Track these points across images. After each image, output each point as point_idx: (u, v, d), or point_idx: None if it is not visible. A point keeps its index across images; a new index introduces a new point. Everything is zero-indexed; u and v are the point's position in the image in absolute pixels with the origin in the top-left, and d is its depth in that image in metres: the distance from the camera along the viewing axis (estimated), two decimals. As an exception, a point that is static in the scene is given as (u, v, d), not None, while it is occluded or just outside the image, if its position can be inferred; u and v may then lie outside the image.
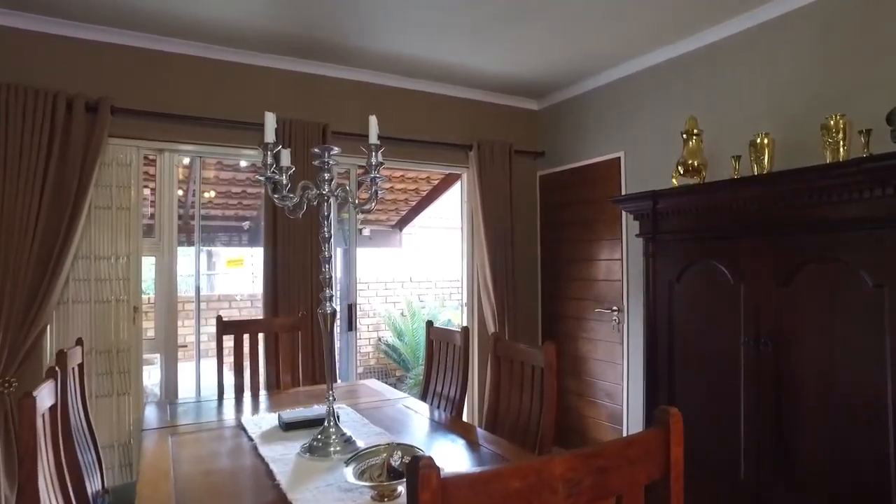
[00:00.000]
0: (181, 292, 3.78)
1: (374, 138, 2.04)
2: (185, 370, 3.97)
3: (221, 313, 4.46)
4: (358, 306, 8.11)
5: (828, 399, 2.33)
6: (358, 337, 8.04)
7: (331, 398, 2.10)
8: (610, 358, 4.27)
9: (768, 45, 3.18)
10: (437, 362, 3.20)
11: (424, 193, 7.26)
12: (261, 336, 3.28)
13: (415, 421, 2.47)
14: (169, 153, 3.67)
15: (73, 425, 2.13)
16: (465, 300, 4.77)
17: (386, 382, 7.98)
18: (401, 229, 8.00)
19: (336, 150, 2.10)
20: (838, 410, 2.30)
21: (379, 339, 8.15)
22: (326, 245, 2.10)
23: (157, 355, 3.73)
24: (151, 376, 4.82)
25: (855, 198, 2.20)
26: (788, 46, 3.08)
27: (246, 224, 6.21)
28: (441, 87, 4.52)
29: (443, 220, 8.20)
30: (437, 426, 2.41)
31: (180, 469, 1.82)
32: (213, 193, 6.94)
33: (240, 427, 2.35)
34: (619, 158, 4.20)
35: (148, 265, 3.66)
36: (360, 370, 8.05)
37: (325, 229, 2.09)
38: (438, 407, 3.04)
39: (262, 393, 3.11)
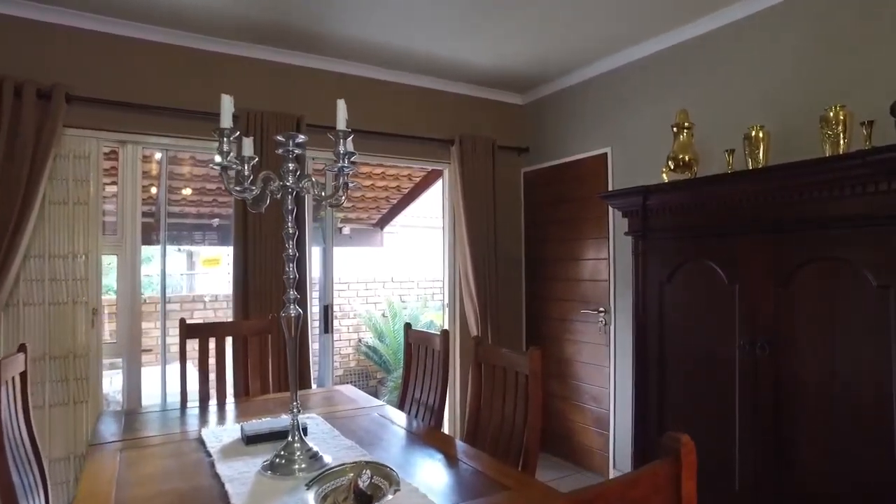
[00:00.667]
0: (155, 293, 3.57)
1: (342, 124, 1.86)
2: (153, 375, 3.77)
3: (195, 315, 4.22)
4: (338, 307, 7.96)
5: (829, 406, 2.20)
6: (338, 338, 7.88)
7: (295, 409, 1.92)
8: (596, 361, 4.12)
9: (762, 34, 3.05)
10: (416, 367, 3.03)
11: (406, 191, 7.09)
12: (228, 340, 3.08)
13: (390, 432, 2.30)
14: (132, 145, 3.45)
15: (10, 442, 1.93)
16: (446, 301, 4.60)
17: (367, 384, 7.84)
18: (382, 228, 7.80)
19: (302, 138, 1.92)
20: (841, 418, 2.16)
21: (360, 341, 7.95)
22: (291, 242, 1.91)
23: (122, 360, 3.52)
24: (114, 382, 4.59)
25: (858, 193, 2.07)
26: (784, 35, 2.95)
27: (215, 221, 5.95)
28: (422, 80, 4.35)
29: (425, 219, 8.03)
30: (414, 438, 2.23)
31: (123, 493, 1.63)
32: (189, 191, 6.70)
33: (199, 440, 2.16)
34: (605, 154, 4.06)
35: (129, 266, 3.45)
36: (339, 372, 7.87)
37: (290, 225, 1.90)
38: (417, 415, 2.88)
39: (230, 401, 2.92)
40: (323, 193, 1.99)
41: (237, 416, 2.57)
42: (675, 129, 3.08)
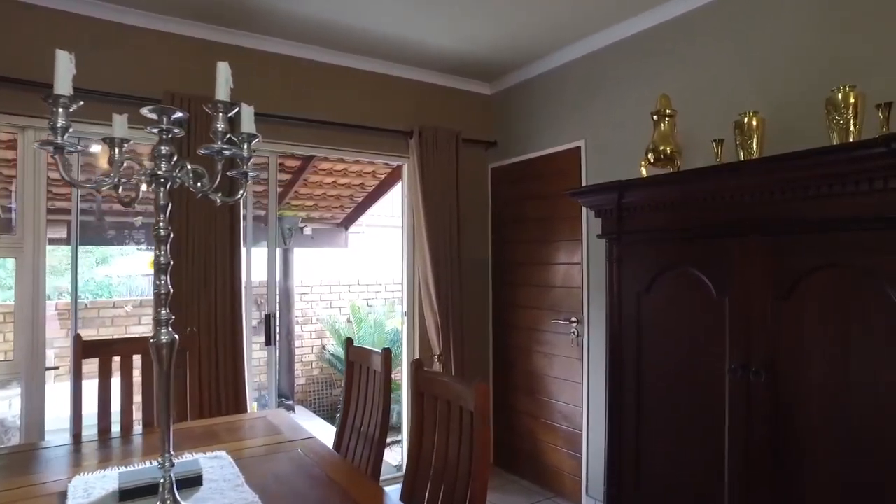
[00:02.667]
0: (119, 296, 3.11)
1: (222, 93, 1.43)
2: (63, 394, 3.28)
3: (143, 322, 3.75)
4: (300, 312, 7.48)
5: (840, 445, 1.82)
6: (300, 345, 7.42)
7: (167, 462, 1.48)
8: (568, 376, 3.73)
9: (758, 8, 2.67)
10: (357, 390, 2.62)
11: (371, 189, 6.64)
12: (137, 359, 2.62)
13: (308, 479, 1.87)
14: (34, 131, 2.98)
15: None
16: (405, 309, 4.18)
17: (331, 393, 7.37)
18: (346, 228, 7.35)
19: (180, 113, 1.48)
20: (854, 459, 1.78)
21: (323, 348, 7.50)
22: (163, 248, 1.48)
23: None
24: (13, 406, 4.08)
25: (878, 188, 1.69)
26: (782, 8, 2.57)
27: (138, 220, 5.42)
28: (377, 64, 3.91)
29: (392, 218, 7.59)
30: (335, 489, 1.80)
31: None
32: (144, 187, 6.10)
33: (63, 494, 1.72)
34: (578, 148, 3.67)
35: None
36: (302, 381, 7.41)
37: (162, 225, 1.47)
38: (356, 448, 2.46)
39: (137, 432, 2.48)
40: (200, 185, 1.55)
41: (142, 453, 2.15)
42: (655, 117, 2.70)
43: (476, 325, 4.31)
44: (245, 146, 1.64)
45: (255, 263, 3.71)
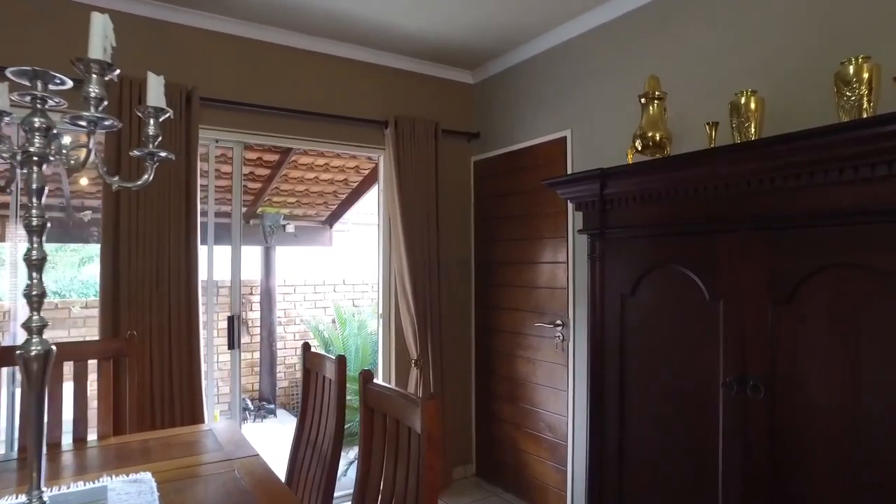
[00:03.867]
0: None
1: (96, 50, 1.17)
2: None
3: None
4: (283, 312, 7.23)
5: (850, 471, 1.57)
6: (283, 347, 7.16)
7: (34, 501, 1.23)
8: (552, 383, 3.48)
9: (752, -19, 2.42)
10: (313, 400, 2.38)
11: (355, 185, 6.38)
12: (69, 367, 2.37)
13: (235, 510, 1.62)
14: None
15: None
16: (380, 311, 3.92)
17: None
18: (331, 226, 7.09)
19: (62, 80, 1.23)
20: (867, 488, 1.53)
21: (307, 350, 7.24)
22: (36, 240, 1.22)
23: None
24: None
25: (897, 172, 1.44)
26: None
27: (86, 215, 5.09)
28: (351, 50, 3.65)
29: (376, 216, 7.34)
30: (262, 523, 1.56)
31: None
32: (85, 181, 5.72)
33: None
34: (564, 138, 3.42)
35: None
36: (284, 384, 7.16)
37: (34, 213, 1.21)
38: (310, 464, 2.22)
39: (67, 448, 2.22)
40: (78, 162, 1.30)
41: (71, 474, 1.90)
42: (643, 100, 2.44)
43: (457, 329, 4.06)
44: (151, 122, 1.39)
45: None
